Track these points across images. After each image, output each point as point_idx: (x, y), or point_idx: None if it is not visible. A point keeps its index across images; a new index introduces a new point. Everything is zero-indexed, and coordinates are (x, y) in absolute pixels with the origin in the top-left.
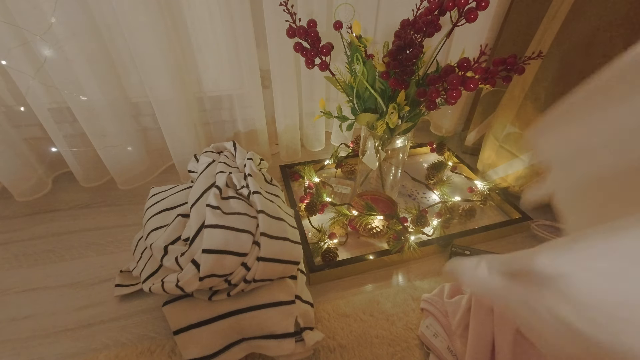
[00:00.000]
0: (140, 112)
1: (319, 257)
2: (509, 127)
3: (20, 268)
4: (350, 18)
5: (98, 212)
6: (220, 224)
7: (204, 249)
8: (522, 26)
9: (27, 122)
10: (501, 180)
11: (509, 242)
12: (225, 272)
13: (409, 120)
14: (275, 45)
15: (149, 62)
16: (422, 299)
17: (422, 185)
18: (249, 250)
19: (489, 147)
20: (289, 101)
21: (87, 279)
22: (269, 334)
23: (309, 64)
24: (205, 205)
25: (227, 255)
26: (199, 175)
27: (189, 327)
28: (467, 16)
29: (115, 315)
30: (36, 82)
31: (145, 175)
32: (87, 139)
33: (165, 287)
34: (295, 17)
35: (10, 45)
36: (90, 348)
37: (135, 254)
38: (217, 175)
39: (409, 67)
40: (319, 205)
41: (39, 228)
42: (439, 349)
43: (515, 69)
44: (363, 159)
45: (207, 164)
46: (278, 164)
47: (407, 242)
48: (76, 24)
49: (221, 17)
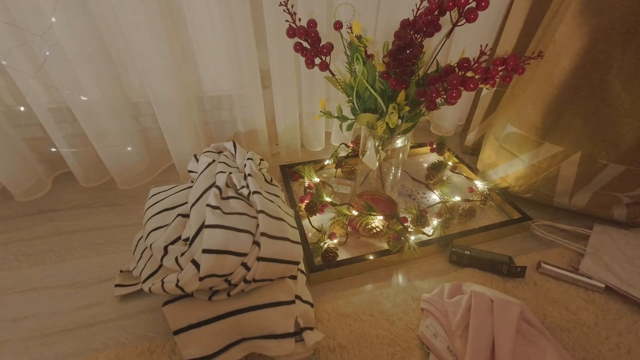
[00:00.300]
0: (140, 112)
1: (319, 257)
2: (509, 127)
3: (20, 268)
4: (350, 18)
5: (98, 212)
6: (220, 224)
7: (204, 249)
8: (522, 26)
9: (27, 122)
10: (501, 180)
11: (509, 242)
12: (225, 272)
13: (409, 120)
14: (275, 45)
15: (149, 62)
16: (422, 298)
17: (422, 185)
18: (249, 250)
19: (489, 147)
20: (289, 101)
21: (87, 279)
22: (269, 334)
23: (309, 64)
24: (205, 205)
25: (227, 255)
26: (199, 175)
27: (189, 327)
28: (467, 16)
29: (115, 315)
30: (36, 82)
31: (145, 175)
32: (87, 139)
33: (165, 287)
34: (295, 17)
35: (10, 45)
36: (90, 348)
37: (135, 254)
38: (217, 175)
39: (409, 67)
40: (319, 205)
41: (39, 228)
42: (439, 349)
43: (515, 69)
44: (363, 159)
45: (207, 164)
46: (278, 164)
47: (407, 242)
48: (76, 24)
49: (221, 17)
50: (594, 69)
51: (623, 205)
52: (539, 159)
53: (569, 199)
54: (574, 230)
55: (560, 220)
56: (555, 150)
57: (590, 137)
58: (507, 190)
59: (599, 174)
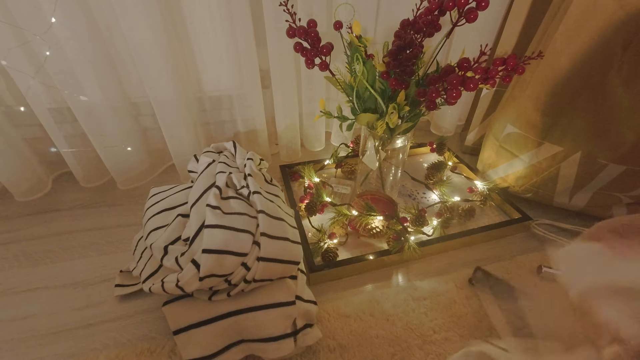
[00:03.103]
0: (140, 112)
1: (319, 257)
2: (509, 127)
3: (20, 268)
4: (350, 18)
5: (98, 212)
6: (220, 224)
7: (204, 249)
8: (522, 26)
9: (27, 122)
10: (501, 180)
11: (509, 242)
12: (225, 272)
13: (409, 120)
14: (275, 45)
15: (149, 62)
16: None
17: (422, 185)
18: (249, 250)
19: (489, 147)
20: (289, 101)
21: (87, 279)
22: (267, 337)
23: (309, 64)
24: (205, 205)
25: (227, 255)
26: (198, 176)
27: (189, 327)
28: (467, 16)
29: (115, 315)
30: (36, 82)
31: (145, 175)
32: (87, 139)
33: (166, 287)
34: (295, 17)
35: (11, 45)
36: (90, 348)
37: (135, 254)
38: (217, 175)
39: (409, 67)
40: (319, 205)
41: (39, 228)
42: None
43: (515, 69)
44: (363, 159)
45: (207, 164)
46: (278, 164)
47: (407, 242)
48: (76, 24)
49: (221, 17)
50: (594, 69)
51: (623, 205)
52: (539, 159)
53: (569, 199)
54: (574, 229)
55: (561, 221)
56: (555, 150)
57: (590, 137)
58: (507, 190)
59: (599, 174)
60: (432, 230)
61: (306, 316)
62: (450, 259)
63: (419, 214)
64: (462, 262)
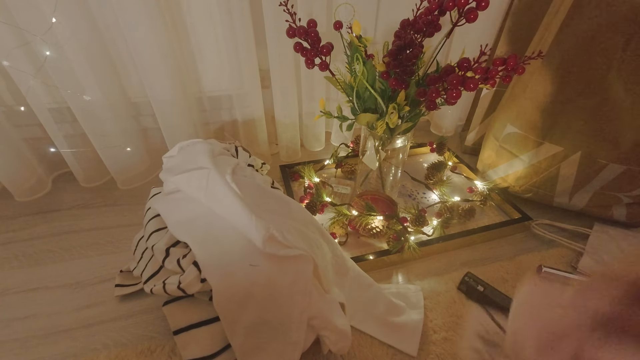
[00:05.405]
0: (140, 112)
1: None
2: (509, 127)
3: (20, 268)
4: (350, 18)
5: (98, 212)
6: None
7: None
8: (522, 26)
9: (27, 122)
10: (501, 180)
11: (509, 242)
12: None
13: (409, 120)
14: (275, 45)
15: (149, 62)
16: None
17: (422, 185)
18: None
19: (489, 147)
20: (289, 101)
21: (87, 279)
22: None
23: (309, 64)
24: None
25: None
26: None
27: (189, 327)
28: (467, 16)
29: (115, 315)
30: (36, 82)
31: (145, 175)
32: (87, 139)
33: (167, 288)
34: (295, 17)
35: (11, 46)
36: (90, 348)
37: (136, 254)
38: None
39: (409, 67)
40: (319, 205)
41: (39, 228)
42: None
43: (515, 69)
44: (363, 159)
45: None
46: (278, 164)
47: (407, 242)
48: (76, 24)
49: (221, 17)
50: (593, 69)
51: (623, 205)
52: (539, 159)
53: (569, 199)
54: (574, 229)
55: (561, 221)
56: (555, 150)
57: (590, 137)
58: (507, 190)
59: (599, 174)
60: (432, 230)
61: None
62: (450, 259)
63: (419, 214)
64: (462, 262)
